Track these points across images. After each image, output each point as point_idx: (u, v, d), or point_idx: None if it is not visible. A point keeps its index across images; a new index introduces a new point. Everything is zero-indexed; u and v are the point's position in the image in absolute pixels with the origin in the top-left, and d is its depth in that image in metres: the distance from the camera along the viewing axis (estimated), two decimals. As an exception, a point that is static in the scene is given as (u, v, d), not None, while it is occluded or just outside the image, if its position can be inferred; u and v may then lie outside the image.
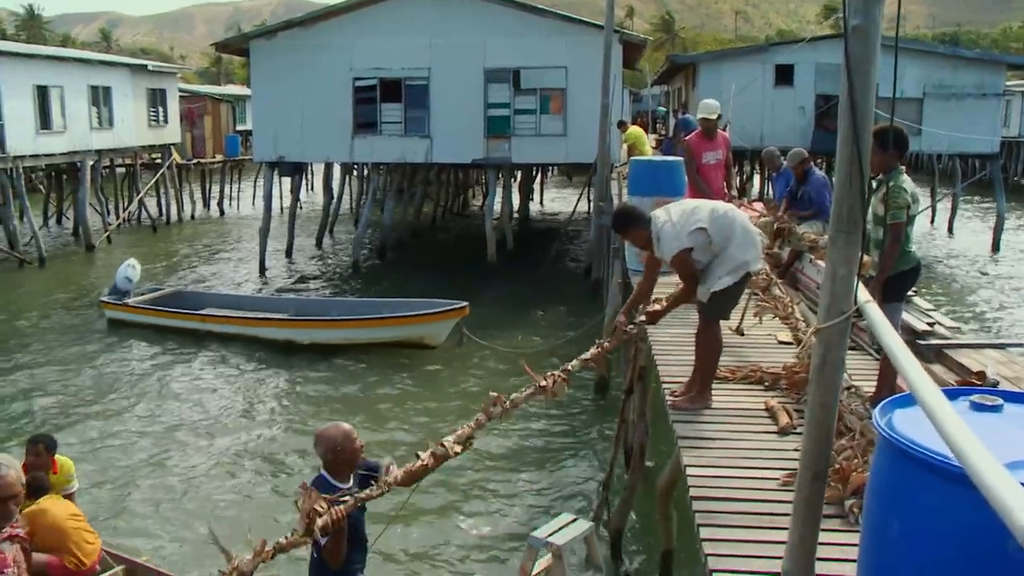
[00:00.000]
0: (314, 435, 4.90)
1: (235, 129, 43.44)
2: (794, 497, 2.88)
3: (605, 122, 18.72)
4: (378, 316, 16.03)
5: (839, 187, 2.68)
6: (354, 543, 4.78)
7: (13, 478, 4.42)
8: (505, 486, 10.15)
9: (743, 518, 4.70)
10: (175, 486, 10.23)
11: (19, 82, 25.11)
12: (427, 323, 15.59)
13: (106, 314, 18.07)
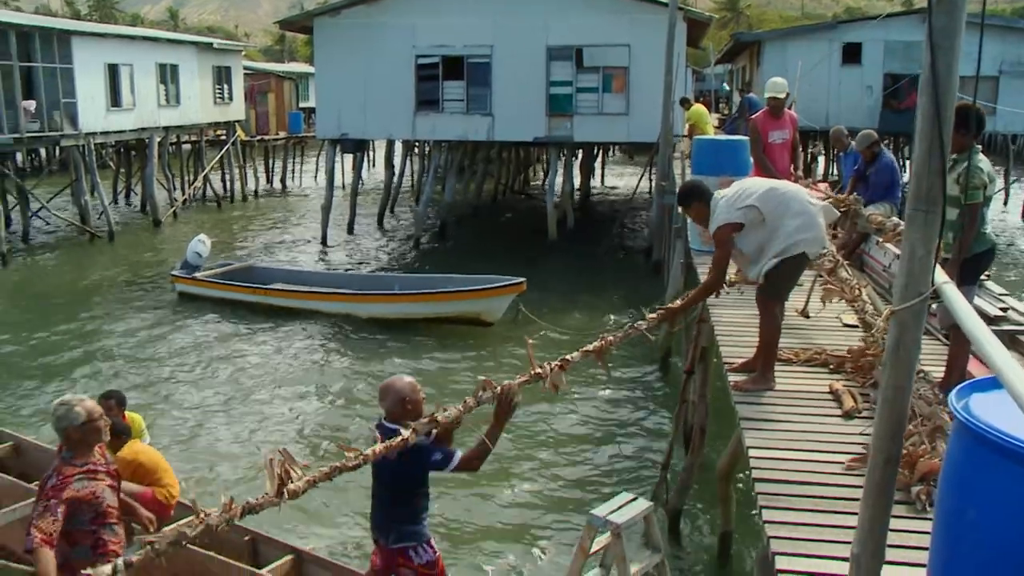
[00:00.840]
0: (380, 387, 5.09)
1: (298, 106, 43.88)
2: (864, 481, 2.84)
3: (668, 101, 18.51)
4: (434, 291, 16.14)
5: (918, 165, 2.61)
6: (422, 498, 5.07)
7: (86, 414, 4.66)
8: (565, 464, 10.17)
9: (806, 501, 4.66)
10: (237, 447, 10.54)
11: (91, 61, 25.64)
12: (483, 299, 15.64)
13: (176, 287, 18.56)
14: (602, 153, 39.00)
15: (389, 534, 5.06)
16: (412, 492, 5.04)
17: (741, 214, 6.02)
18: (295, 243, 25.55)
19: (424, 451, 4.85)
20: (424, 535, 5.10)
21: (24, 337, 15.62)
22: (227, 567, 6.29)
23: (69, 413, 4.68)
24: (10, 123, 22.71)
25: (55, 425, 4.73)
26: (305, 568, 6.46)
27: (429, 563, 5.10)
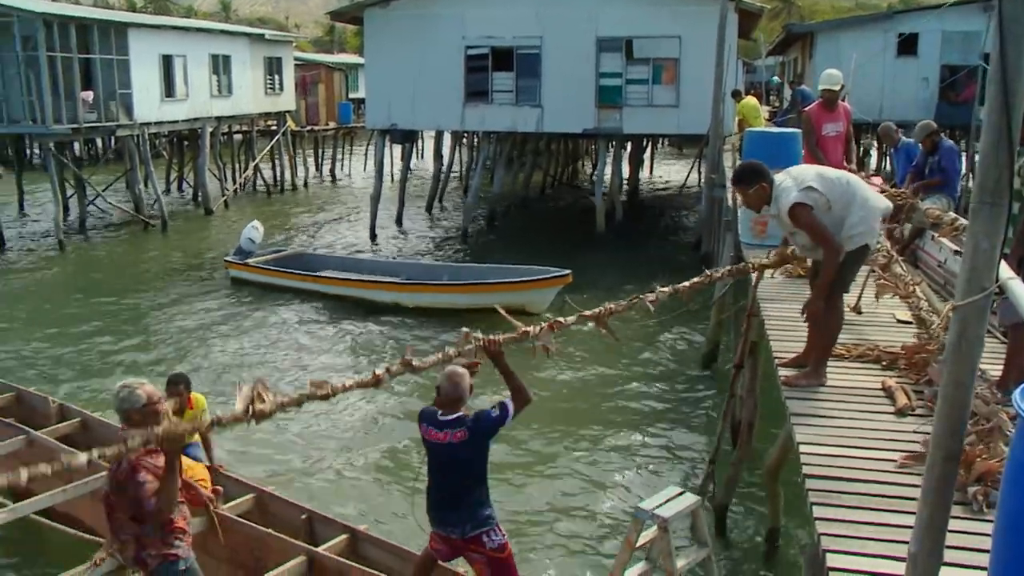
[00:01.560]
0: (447, 375, 5.27)
1: (348, 97, 44.17)
2: (923, 479, 2.78)
3: (719, 93, 18.32)
4: (479, 282, 16.22)
5: (984, 156, 2.54)
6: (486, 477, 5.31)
7: (146, 397, 4.85)
8: (612, 457, 10.15)
9: (858, 499, 4.60)
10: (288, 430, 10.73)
11: (147, 52, 26.06)
12: (529, 290, 15.68)
13: (229, 273, 19.05)
14: (651, 145, 38.72)
15: (465, 525, 5.19)
16: (483, 471, 5.23)
17: (813, 198, 5.87)
18: (344, 233, 25.76)
19: (483, 416, 5.14)
20: (495, 517, 5.27)
21: (83, 321, 16.05)
22: (284, 544, 6.47)
23: (131, 396, 4.82)
24: (69, 113, 23.15)
25: (117, 407, 4.87)
26: (360, 547, 6.61)
27: (500, 546, 5.25)
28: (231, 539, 5.24)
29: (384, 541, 6.64)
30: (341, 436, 10.77)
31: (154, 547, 4.86)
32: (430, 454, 5.34)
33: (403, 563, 6.28)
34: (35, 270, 21.06)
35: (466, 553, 5.32)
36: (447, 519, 5.28)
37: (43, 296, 18.33)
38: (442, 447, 5.20)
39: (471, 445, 5.13)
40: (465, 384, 5.26)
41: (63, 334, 15.24)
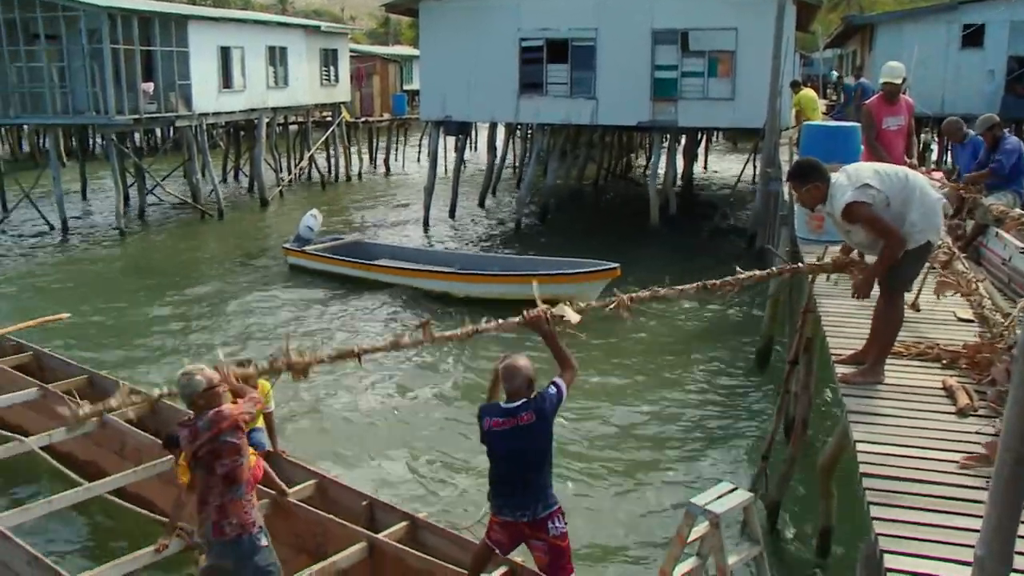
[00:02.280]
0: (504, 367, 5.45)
1: (402, 88, 44.37)
2: (991, 481, 2.70)
3: (775, 86, 18.05)
4: (528, 273, 16.23)
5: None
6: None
7: (207, 382, 5.19)
8: (664, 451, 10.10)
9: (918, 499, 4.50)
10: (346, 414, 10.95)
11: (205, 44, 26.43)
12: (576, 283, 15.69)
13: (288, 260, 19.49)
14: (705, 139, 38.33)
15: (536, 506, 5.34)
16: (550, 452, 5.40)
17: (870, 196, 5.75)
18: (398, 224, 25.90)
19: (544, 395, 5.31)
20: (559, 503, 5.44)
21: (144, 306, 16.51)
22: (345, 529, 6.62)
23: (191, 382, 5.16)
24: (130, 104, 23.60)
25: (181, 393, 5.19)
26: (419, 534, 6.70)
27: (562, 534, 5.40)
28: (293, 523, 5.43)
29: (443, 529, 6.71)
30: (403, 425, 10.85)
31: (236, 515, 5.15)
32: (495, 444, 5.43)
33: (462, 551, 6.34)
34: (97, 257, 21.60)
35: (528, 540, 5.43)
36: (518, 503, 5.38)
37: (105, 282, 18.81)
38: (510, 433, 5.31)
39: (539, 426, 5.28)
40: (523, 371, 5.37)
41: (124, 319, 15.68)
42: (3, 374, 10.12)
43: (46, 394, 9.39)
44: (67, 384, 9.71)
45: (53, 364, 10.64)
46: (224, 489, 5.15)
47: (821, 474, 7.20)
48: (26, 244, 22.96)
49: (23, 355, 10.89)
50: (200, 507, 5.28)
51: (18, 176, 27.09)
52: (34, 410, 9.56)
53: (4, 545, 6.45)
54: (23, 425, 9.39)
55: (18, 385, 9.75)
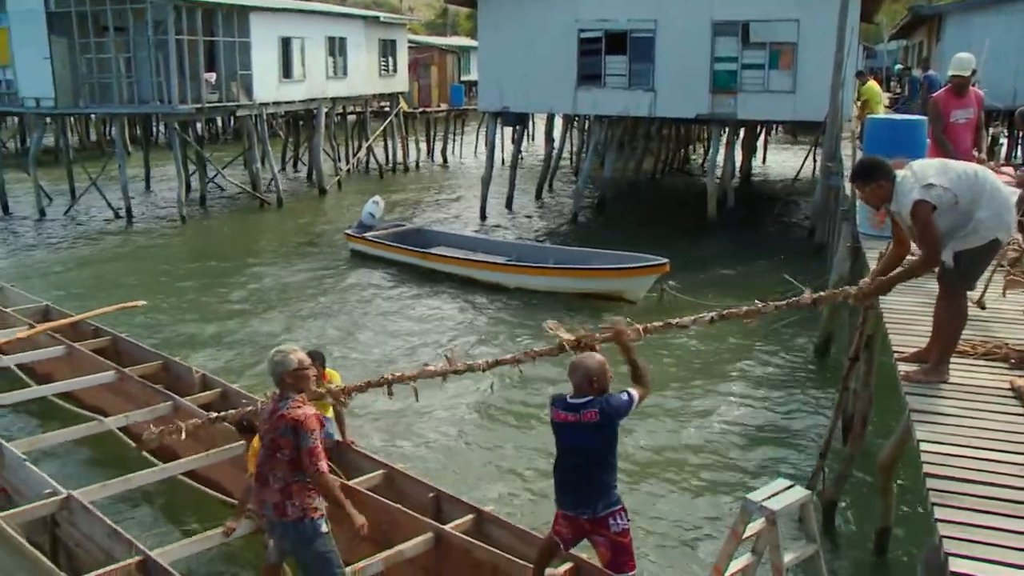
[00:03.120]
0: (571, 363, 5.50)
1: (460, 79, 44.46)
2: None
3: (838, 79, 17.71)
4: (577, 267, 16.27)
5: None
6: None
7: (298, 362, 5.40)
8: (718, 445, 10.05)
9: (985, 502, 4.41)
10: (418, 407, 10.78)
11: (266, 35, 26.78)
12: (626, 277, 15.72)
13: (349, 245, 20.03)
14: (765, 132, 37.81)
15: (596, 504, 5.34)
16: (613, 453, 5.39)
17: (936, 195, 5.63)
18: (455, 214, 26.04)
19: (613, 398, 5.30)
20: (621, 501, 5.44)
21: (206, 291, 16.95)
22: (412, 520, 6.73)
23: (285, 360, 5.35)
24: (193, 94, 24.04)
25: (272, 370, 5.38)
26: (485, 527, 6.78)
27: (624, 531, 5.40)
28: (363, 511, 5.54)
29: (509, 523, 6.77)
30: (469, 418, 10.90)
31: (299, 498, 5.28)
32: (560, 436, 5.46)
33: (526, 545, 6.36)
34: (160, 243, 22.11)
35: (590, 535, 5.46)
36: (578, 500, 5.40)
37: (169, 267, 19.26)
38: (572, 428, 5.33)
39: (602, 425, 5.28)
40: (591, 368, 5.35)
41: (189, 304, 16.05)
42: (83, 357, 10.50)
43: (123, 377, 9.75)
44: (143, 368, 10.07)
45: (129, 349, 11.03)
46: (288, 472, 5.25)
47: (880, 473, 7.09)
48: (93, 230, 23.59)
49: (102, 339, 11.32)
50: (263, 487, 5.38)
51: (85, 164, 27.76)
52: (111, 392, 9.91)
53: (86, 518, 6.71)
54: (101, 406, 9.71)
55: (98, 367, 10.11)
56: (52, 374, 10.75)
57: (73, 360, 10.63)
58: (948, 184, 5.65)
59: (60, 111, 25.46)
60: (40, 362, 10.83)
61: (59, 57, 24.07)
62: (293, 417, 5.23)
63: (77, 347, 10.72)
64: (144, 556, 5.99)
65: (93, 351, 10.69)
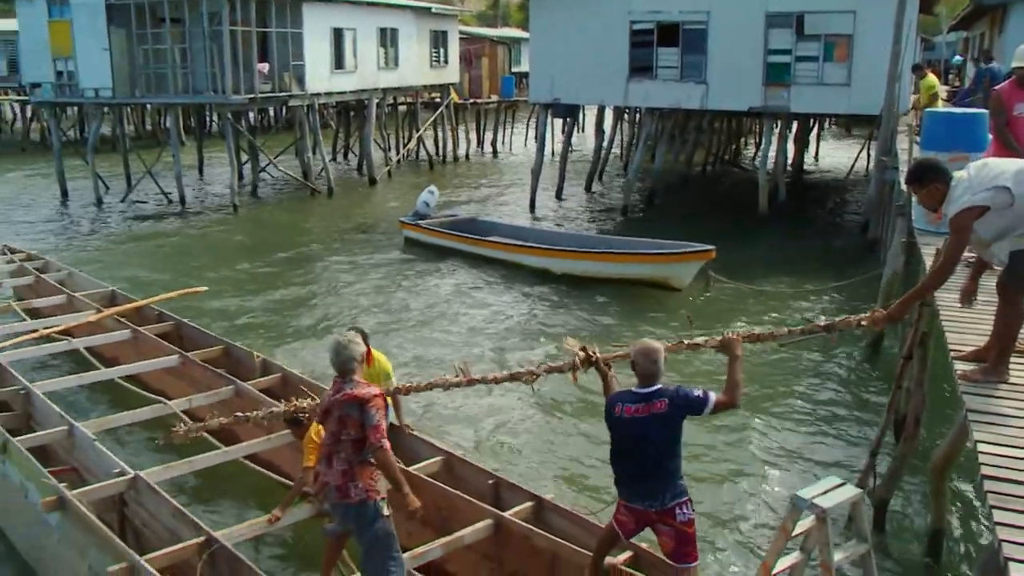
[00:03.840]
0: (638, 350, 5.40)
1: (511, 70, 44.45)
2: None
3: (895, 71, 17.46)
4: (622, 252, 16.28)
5: None
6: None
7: (362, 348, 5.56)
8: (767, 440, 10.00)
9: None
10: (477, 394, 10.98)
11: (319, 26, 27.01)
12: (670, 263, 15.71)
13: (404, 233, 20.44)
14: (818, 126, 37.28)
15: (664, 495, 5.31)
16: (679, 443, 5.34)
17: (989, 196, 5.53)
18: (504, 205, 26.15)
19: (684, 390, 5.30)
20: (687, 492, 5.39)
21: (259, 277, 17.34)
22: (472, 506, 6.77)
23: (349, 346, 5.51)
24: (246, 84, 24.38)
25: (336, 356, 5.52)
26: (544, 515, 6.75)
27: (690, 520, 5.36)
28: (419, 497, 5.62)
29: (568, 511, 6.72)
30: (528, 406, 10.93)
31: (362, 480, 5.39)
32: (625, 430, 5.40)
33: (586, 534, 6.33)
34: (213, 231, 22.54)
35: (655, 525, 5.42)
36: (646, 492, 5.36)
37: (223, 254, 19.66)
38: (640, 420, 5.30)
39: (670, 415, 5.26)
40: (661, 358, 5.36)
41: (246, 289, 16.41)
42: (148, 341, 10.77)
43: (186, 361, 9.97)
44: (205, 353, 10.27)
45: (192, 334, 11.24)
46: (352, 453, 5.36)
47: (933, 474, 7.02)
48: (148, 217, 24.11)
49: (165, 324, 11.57)
50: (327, 469, 5.49)
51: (141, 152, 28.31)
52: (174, 376, 10.16)
53: (153, 498, 6.89)
54: (164, 389, 9.97)
55: (162, 352, 10.36)
56: (118, 357, 11.01)
57: (138, 344, 10.89)
58: (1007, 182, 5.58)
59: (118, 101, 26.00)
60: (107, 345, 11.09)
61: (117, 48, 24.58)
62: (359, 395, 5.36)
63: (142, 331, 10.96)
64: (208, 536, 6.14)
65: (157, 335, 10.93)
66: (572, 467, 9.36)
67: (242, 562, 5.95)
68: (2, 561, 7.47)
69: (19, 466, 7.49)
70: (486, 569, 6.68)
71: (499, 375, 6.47)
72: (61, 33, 25.15)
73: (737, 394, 5.40)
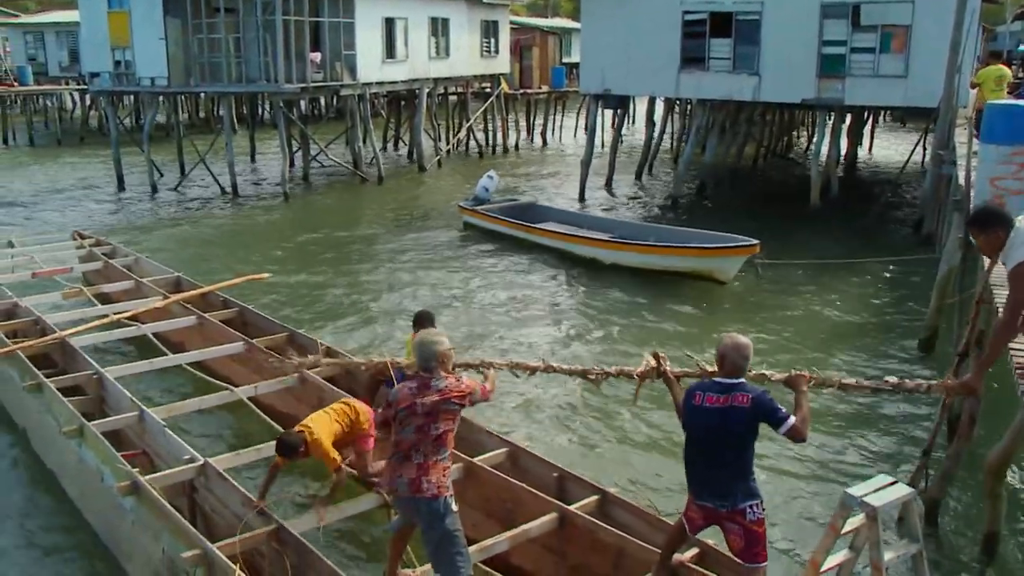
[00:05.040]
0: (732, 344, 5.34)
1: (561, 61, 44.40)
2: None
3: (955, 63, 17.19)
4: (666, 244, 16.35)
5: None
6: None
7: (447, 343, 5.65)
8: (817, 435, 9.81)
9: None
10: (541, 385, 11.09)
11: (371, 16, 27.24)
12: (714, 257, 15.73)
13: (463, 218, 20.91)
14: (872, 118, 36.68)
15: (736, 495, 5.25)
16: (753, 443, 5.27)
17: None
18: (554, 196, 26.12)
19: (768, 397, 5.20)
20: (759, 492, 5.33)
21: (319, 265, 17.57)
22: (537, 499, 6.77)
23: (437, 341, 5.60)
24: (298, 73, 24.66)
25: (422, 351, 5.58)
26: (609, 509, 6.74)
27: (760, 520, 5.28)
28: (484, 489, 5.63)
29: (634, 506, 6.71)
30: (593, 399, 10.91)
31: (435, 475, 5.45)
32: (702, 419, 5.35)
33: (651, 529, 6.32)
34: (264, 218, 22.97)
35: (724, 523, 5.36)
36: (717, 490, 5.32)
37: (275, 240, 20.00)
38: (719, 411, 5.25)
39: (750, 413, 5.17)
40: (750, 353, 5.32)
41: (301, 277, 16.66)
42: (213, 327, 10.95)
43: (251, 348, 10.11)
44: (269, 339, 10.37)
45: (256, 320, 11.40)
46: (432, 450, 5.41)
47: (988, 475, 6.96)
48: (202, 205, 24.61)
49: (230, 310, 11.73)
50: (402, 462, 5.51)
51: (194, 140, 28.81)
52: (239, 362, 10.34)
53: (222, 485, 7.06)
54: (230, 376, 10.16)
55: (227, 338, 10.53)
56: (184, 343, 11.20)
57: (204, 330, 11.07)
58: None
59: (173, 90, 26.47)
60: (174, 331, 11.30)
61: (173, 38, 25.05)
62: (460, 390, 5.50)
63: (207, 317, 11.13)
64: (278, 525, 6.27)
65: (222, 322, 11.09)
66: (636, 459, 9.36)
67: (311, 551, 6.05)
68: (81, 542, 7.72)
69: (95, 450, 7.72)
70: (549, 563, 6.68)
71: (574, 368, 6.62)
72: (120, 24, 25.71)
73: (807, 429, 5.29)
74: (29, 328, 11.17)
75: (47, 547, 7.65)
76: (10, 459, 9.28)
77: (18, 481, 8.83)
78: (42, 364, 9.92)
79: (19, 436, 9.60)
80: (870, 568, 5.20)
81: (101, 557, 7.42)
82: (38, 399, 9.05)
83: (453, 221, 21.45)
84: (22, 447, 9.38)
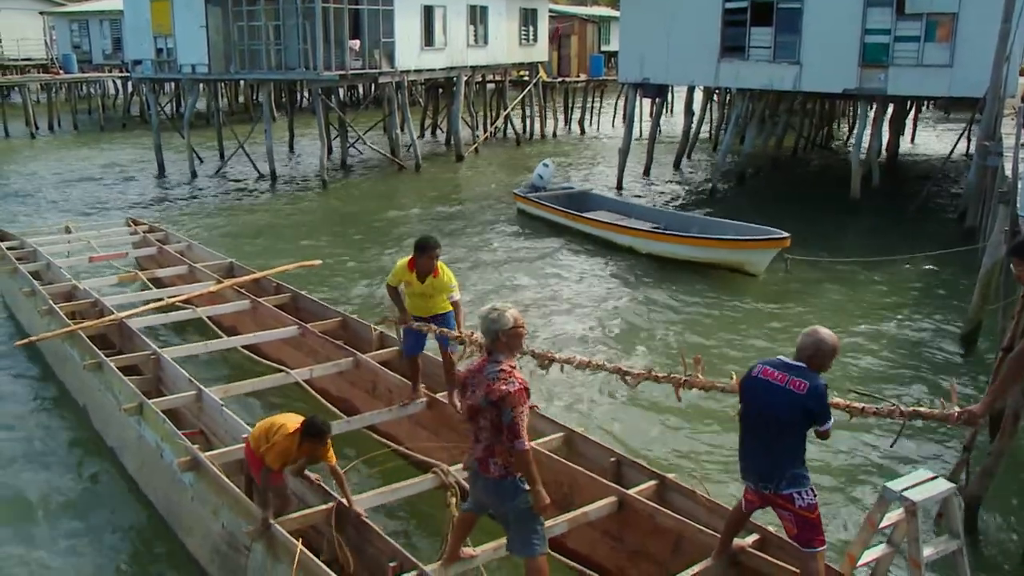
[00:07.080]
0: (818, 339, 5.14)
1: (600, 49, 44.28)
2: None
3: (1003, 52, 16.97)
4: (699, 236, 16.60)
5: None
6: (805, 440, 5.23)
7: (513, 320, 5.31)
8: (855, 428, 9.64)
9: None
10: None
11: (410, 3, 27.39)
12: (744, 249, 15.77)
13: (517, 205, 21.33)
14: (915, 108, 36.20)
15: (779, 481, 5.15)
16: (804, 432, 5.12)
17: None
18: (591, 184, 26.08)
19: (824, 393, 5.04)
20: (809, 479, 5.19)
21: (364, 251, 17.86)
22: (595, 483, 6.81)
23: (500, 318, 5.28)
24: (337, 61, 24.85)
25: (487, 328, 5.29)
26: (667, 494, 6.74)
27: (811, 506, 5.16)
28: (542, 474, 5.63)
29: (691, 491, 6.65)
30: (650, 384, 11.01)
31: (501, 457, 5.33)
32: (755, 394, 5.25)
33: (710, 514, 6.31)
34: (303, 205, 23.22)
35: (776, 508, 5.30)
36: (761, 471, 5.24)
37: (315, 226, 20.26)
38: (774, 388, 5.11)
39: (799, 401, 5.01)
40: (828, 349, 5.13)
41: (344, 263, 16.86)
42: (267, 312, 11.12)
43: (304, 332, 10.27)
44: (323, 324, 10.50)
45: (309, 305, 11.58)
46: (492, 435, 5.34)
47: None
48: (241, 191, 24.97)
49: (283, 295, 11.91)
50: (474, 442, 5.49)
51: (234, 127, 29.13)
52: (292, 346, 10.54)
53: None
54: (283, 359, 10.33)
55: (281, 322, 10.70)
56: (237, 327, 11.45)
57: (257, 315, 11.27)
58: None
59: (213, 77, 26.84)
60: (227, 315, 11.57)
61: (213, 26, 25.36)
62: (498, 393, 5.16)
63: (261, 302, 11.29)
64: (338, 503, 6.38)
65: (275, 307, 11.25)
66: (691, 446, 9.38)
67: (371, 528, 6.17)
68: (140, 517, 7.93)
69: (154, 428, 7.94)
70: (606, 547, 6.68)
71: (635, 371, 6.72)
72: (162, 11, 26.10)
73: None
74: (88, 310, 11.45)
75: (108, 523, 7.86)
76: (71, 436, 9.54)
77: (79, 458, 9.08)
78: (101, 345, 10.15)
79: (79, 414, 9.86)
80: (908, 564, 5.17)
81: (160, 532, 7.61)
82: (98, 378, 9.29)
83: (496, 207, 21.62)
84: (83, 425, 9.64)
